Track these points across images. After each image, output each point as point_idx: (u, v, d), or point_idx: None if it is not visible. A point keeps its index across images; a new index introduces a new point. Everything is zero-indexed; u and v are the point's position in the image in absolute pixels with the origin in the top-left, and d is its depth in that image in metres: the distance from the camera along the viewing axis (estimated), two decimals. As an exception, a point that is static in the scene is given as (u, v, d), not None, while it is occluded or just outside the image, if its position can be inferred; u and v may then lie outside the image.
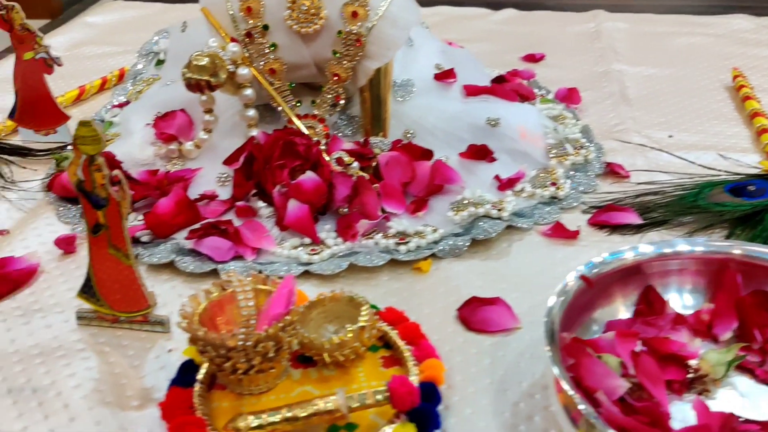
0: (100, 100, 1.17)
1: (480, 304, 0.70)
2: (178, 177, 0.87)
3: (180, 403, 0.57)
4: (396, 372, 0.62)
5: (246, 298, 0.55)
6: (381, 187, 0.83)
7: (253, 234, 0.78)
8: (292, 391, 0.61)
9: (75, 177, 0.64)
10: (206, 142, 0.91)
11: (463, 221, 0.80)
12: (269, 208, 0.82)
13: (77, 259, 0.79)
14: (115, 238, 0.65)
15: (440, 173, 0.86)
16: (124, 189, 0.63)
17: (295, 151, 0.83)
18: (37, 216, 0.86)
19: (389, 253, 0.76)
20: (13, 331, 0.69)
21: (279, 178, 0.81)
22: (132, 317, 0.68)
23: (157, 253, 0.77)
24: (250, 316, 0.55)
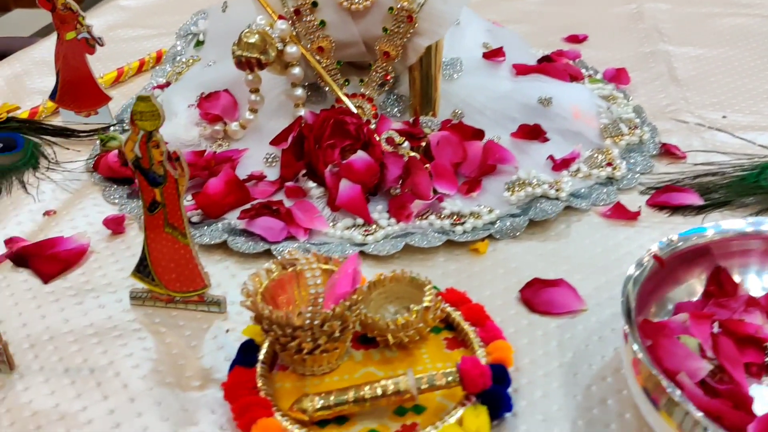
0: (139, 82, 1.15)
1: (543, 285, 0.68)
2: (225, 157, 0.86)
3: (243, 383, 0.56)
4: (461, 354, 0.60)
5: (314, 275, 0.54)
6: (432, 167, 0.81)
7: (304, 214, 0.76)
8: (356, 372, 0.59)
9: (132, 154, 0.62)
10: (252, 122, 0.90)
11: (519, 202, 0.78)
12: (320, 189, 0.80)
13: (127, 239, 0.78)
14: (171, 216, 0.64)
15: (493, 153, 0.83)
16: (183, 166, 0.62)
17: (345, 130, 0.81)
18: (84, 196, 0.85)
19: (445, 234, 0.74)
20: (66, 311, 0.67)
21: (330, 157, 0.79)
22: (188, 297, 0.67)
23: (208, 234, 0.76)
24: (317, 294, 0.53)
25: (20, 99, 1.09)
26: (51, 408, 0.57)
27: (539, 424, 0.55)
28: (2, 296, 0.70)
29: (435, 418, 0.54)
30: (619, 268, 0.71)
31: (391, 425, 0.54)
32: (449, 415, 0.53)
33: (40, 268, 0.72)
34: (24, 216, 0.82)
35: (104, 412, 0.57)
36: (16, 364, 0.61)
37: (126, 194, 0.85)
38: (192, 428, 0.55)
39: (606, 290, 0.68)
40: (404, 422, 0.55)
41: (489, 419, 0.53)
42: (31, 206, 0.84)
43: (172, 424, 0.56)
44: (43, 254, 0.74)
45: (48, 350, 0.63)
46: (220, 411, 0.56)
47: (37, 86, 1.15)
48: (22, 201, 0.85)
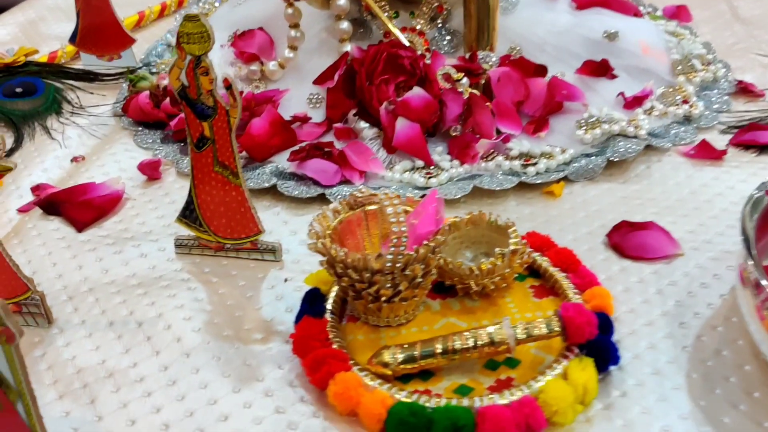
0: (161, 26, 1.08)
1: (631, 229, 0.61)
2: (265, 98, 0.79)
3: (314, 334, 0.49)
4: (551, 303, 0.54)
5: (396, 212, 0.47)
6: (494, 105, 0.75)
7: (359, 156, 0.70)
8: (435, 323, 0.53)
9: (178, 83, 0.56)
10: (292, 61, 0.82)
11: (595, 141, 0.71)
12: (373, 129, 0.73)
13: (164, 185, 0.71)
14: (222, 153, 0.57)
15: (560, 90, 0.76)
16: (235, 95, 0.55)
17: (399, 65, 0.74)
18: (114, 142, 0.79)
19: (516, 176, 0.68)
20: (105, 261, 0.61)
21: (384, 94, 0.72)
22: (239, 244, 0.60)
23: (255, 178, 0.69)
24: (401, 233, 0.47)
25: (37, 45, 1.01)
26: (97, 364, 0.51)
27: (649, 378, 0.49)
28: (33, 246, 0.63)
29: (532, 372, 0.48)
30: (711, 210, 0.64)
31: (484, 380, 0.48)
32: (549, 368, 0.47)
33: (73, 215, 0.66)
34: (50, 162, 0.75)
35: (157, 369, 0.51)
36: (54, 317, 0.55)
37: (159, 138, 0.78)
38: (257, 385, 0.49)
39: (701, 234, 0.61)
40: (497, 377, 0.48)
41: (596, 372, 0.47)
42: (57, 152, 0.77)
43: (234, 380, 0.49)
44: (75, 201, 0.67)
45: (88, 302, 0.57)
46: (288, 365, 0.50)
47: (54, 32, 1.07)
48: (47, 147, 0.78)
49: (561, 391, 0.45)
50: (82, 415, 0.48)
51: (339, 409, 0.46)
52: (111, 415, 0.47)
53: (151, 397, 0.48)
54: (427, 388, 0.48)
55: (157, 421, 0.47)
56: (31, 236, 0.65)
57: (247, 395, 0.48)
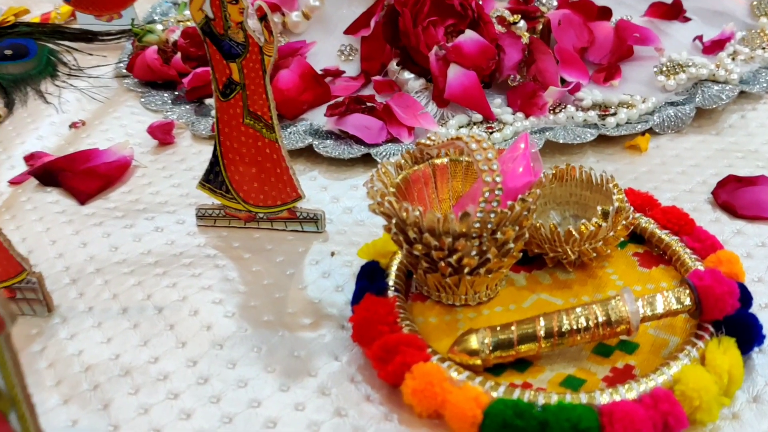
0: (164, -14, 0.98)
1: (740, 184, 0.51)
2: (291, 49, 0.68)
3: (380, 317, 0.40)
4: (662, 273, 0.44)
5: (487, 159, 0.37)
6: (556, 52, 0.65)
7: (405, 111, 0.60)
8: (523, 301, 0.43)
9: (200, 14, 0.46)
10: (317, 10, 0.72)
11: (680, 87, 0.61)
12: (420, 80, 0.63)
13: (179, 150, 0.61)
14: (254, 102, 0.47)
15: (630, 33, 0.66)
16: (271, 28, 0.45)
17: (448, 5, 0.63)
18: (118, 104, 0.68)
19: (594, 128, 0.58)
20: (114, 237, 0.51)
21: (432, 39, 0.62)
22: (274, 213, 0.50)
23: (286, 137, 0.59)
24: (493, 185, 0.37)
25: (27, 6, 0.91)
26: (109, 360, 0.41)
27: (800, 361, 0.39)
28: (28, 221, 0.53)
29: (655, 357, 0.39)
30: (827, 162, 0.54)
31: (596, 370, 0.38)
32: (680, 352, 0.37)
33: (75, 185, 0.56)
34: (46, 129, 0.65)
35: (183, 363, 0.41)
36: (55, 303, 0.45)
37: (171, 99, 0.68)
38: (310, 381, 0.39)
39: (825, 188, 0.51)
40: (612, 365, 0.39)
41: (740, 355, 0.37)
42: (54, 118, 0.67)
43: (280, 375, 0.40)
44: (77, 169, 0.57)
45: (96, 285, 0.47)
46: (347, 356, 0.40)
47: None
48: (41, 113, 0.68)
49: (702, 380, 0.35)
50: (94, 424, 0.38)
51: (418, 410, 0.37)
52: (129, 423, 0.38)
53: (179, 400, 0.39)
54: (526, 381, 0.38)
55: (188, 428, 0.37)
56: (25, 210, 0.55)
57: (299, 394, 0.39)
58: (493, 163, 0.37)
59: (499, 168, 0.37)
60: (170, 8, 0.86)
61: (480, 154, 0.37)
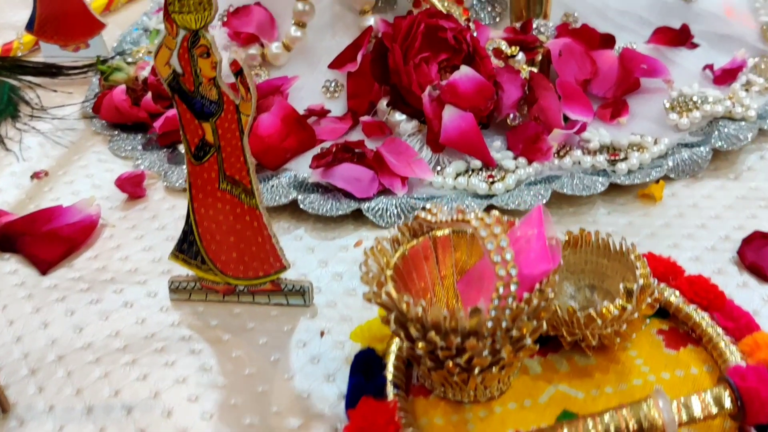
0: (135, 8, 0.92)
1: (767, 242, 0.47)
2: (271, 87, 0.63)
3: (380, 425, 0.35)
4: (691, 354, 0.39)
5: (499, 247, 0.32)
6: (558, 86, 0.60)
7: (398, 158, 0.55)
8: (539, 394, 0.38)
9: (167, 69, 0.40)
10: (300, 41, 0.67)
11: (694, 126, 0.57)
12: (412, 122, 0.58)
13: (150, 205, 0.56)
14: (231, 165, 0.42)
15: (636, 63, 0.62)
16: (248, 84, 0.40)
17: (441, 39, 0.58)
18: (84, 150, 0.63)
19: (603, 175, 0.53)
20: (78, 315, 0.46)
21: (425, 77, 0.57)
22: (256, 286, 0.45)
23: (268, 192, 0.54)
24: (508, 279, 0.32)
25: (-13, 34, 0.85)
26: (71, 476, 0.36)
27: None
28: (-18, 296, 0.48)
29: (692, 467, 0.34)
30: None
31: (627, 481, 0.34)
32: (722, 461, 0.33)
33: (36, 252, 0.50)
34: (4, 181, 0.60)
35: (156, 479, 0.36)
36: (10, 401, 0.40)
37: (141, 144, 0.62)
38: (301, 500, 0.34)
39: None
40: (644, 475, 0.34)
41: (791, 469, 0.33)
42: (14, 167, 0.62)
43: (267, 494, 0.35)
44: (38, 232, 0.52)
45: (58, 378, 0.42)
46: (342, 468, 0.36)
47: (8, 20, 0.91)
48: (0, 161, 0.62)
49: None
50: None
51: None
52: None
53: None
54: (548, 498, 0.33)
55: None
56: (-21, 282, 0.49)
57: None
58: (507, 252, 0.32)
59: (513, 258, 0.32)
60: (141, 36, 0.81)
61: (491, 242, 0.32)
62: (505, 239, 0.32)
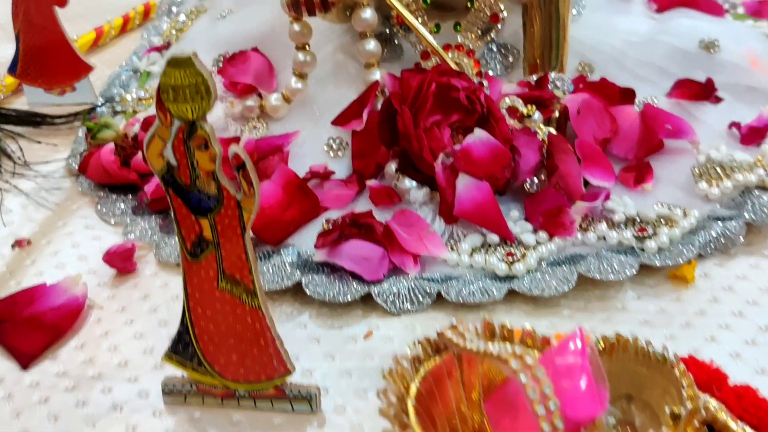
0: (124, 44, 0.88)
1: (816, 335, 0.43)
2: (271, 147, 0.59)
3: None
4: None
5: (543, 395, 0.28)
6: (577, 147, 0.56)
7: (409, 231, 0.51)
8: None
9: (160, 161, 0.36)
10: (300, 93, 0.63)
11: (725, 196, 0.53)
12: (423, 189, 0.54)
13: (141, 283, 0.52)
14: (231, 263, 0.38)
15: (660, 123, 0.58)
16: (251, 178, 0.36)
17: (452, 99, 0.55)
18: (69, 215, 0.59)
19: (632, 255, 0.49)
20: (63, 421, 0.42)
21: (438, 142, 0.53)
22: (258, 391, 0.41)
23: (268, 272, 0.49)
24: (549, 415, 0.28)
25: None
26: None
27: None
28: (-45, 396, 0.44)
29: None
30: None
31: None
32: None
33: (16, 344, 0.46)
34: (-18, 250, 0.56)
35: None
36: None
37: (131, 208, 0.58)
38: None
39: None
40: None
41: None
42: (-7, 233, 0.57)
43: None
44: (19, 317, 0.48)
45: (37, 503, 0.37)
46: None
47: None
48: (-22, 225, 0.58)
49: None
50: None
51: None
52: None
53: None
54: None
55: None
56: (-48, 377, 0.45)
57: None
58: (551, 402, 0.28)
59: (558, 407, 0.28)
60: (131, 78, 0.76)
61: (533, 391, 0.28)
62: (549, 386, 0.28)
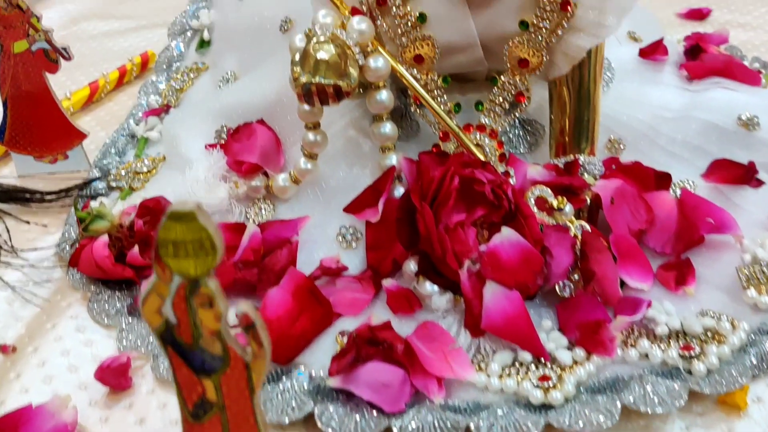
0: (121, 100, 0.83)
1: None
2: (279, 240, 0.54)
3: None
4: None
5: None
6: (612, 243, 0.52)
7: (432, 348, 0.46)
8: None
9: (158, 319, 0.32)
10: (310, 173, 0.58)
11: (777, 305, 0.49)
12: (446, 294, 0.49)
13: (137, 403, 0.47)
14: (238, 426, 0.33)
15: (701, 215, 0.54)
16: (261, 338, 0.31)
17: (478, 194, 0.50)
18: (59, 314, 0.54)
19: (678, 378, 0.45)
20: None
21: (463, 245, 0.49)
22: None
23: (276, 400, 0.45)
24: None
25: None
26: None
27: None
28: None
29: None
30: None
31: None
32: None
33: (-6, 488, 0.42)
34: (-37, 357, 0.51)
35: None
36: None
37: (126, 307, 0.54)
38: None
39: None
40: None
41: None
42: (-25, 336, 0.53)
43: None
44: (-1, 452, 0.43)
45: None
46: None
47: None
48: (-41, 326, 0.53)
49: None
50: None
51: None
52: None
53: None
54: None
55: None
56: None
57: None
58: None
59: None
60: (127, 145, 0.72)
61: None
62: None
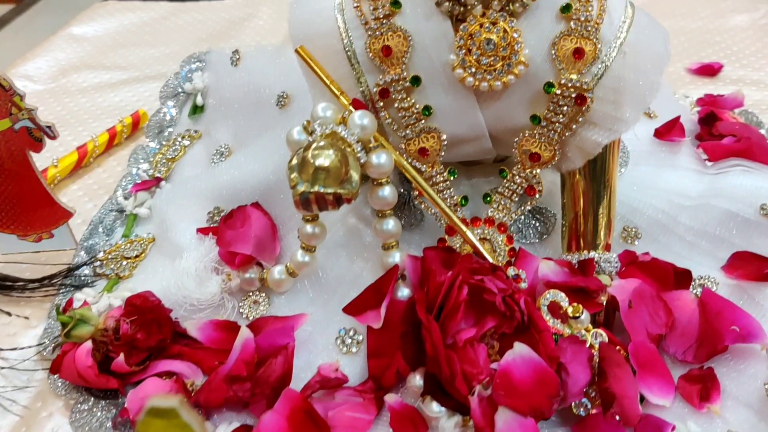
0: (109, 165, 0.79)
1: None
2: (273, 347, 0.51)
3: None
4: None
5: None
6: (631, 353, 0.48)
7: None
8: None
9: None
10: (308, 267, 0.55)
11: (810, 429, 0.46)
12: (455, 417, 0.46)
13: None
14: None
15: (724, 319, 0.50)
16: None
17: (488, 303, 0.47)
18: (39, 427, 0.50)
19: None
20: None
21: (473, 365, 0.45)
22: None
23: None
24: None
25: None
26: None
27: None
28: None
29: None
30: None
31: None
32: None
33: None
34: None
35: None
36: None
37: (110, 418, 0.50)
38: None
39: None
40: None
41: None
42: (-52, 452, 0.49)
43: None
44: None
45: None
46: None
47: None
48: (-69, 440, 0.50)
49: None
50: None
51: None
52: None
53: None
54: None
55: None
56: None
57: None
58: None
59: None
60: (115, 222, 0.68)
61: None
62: None
